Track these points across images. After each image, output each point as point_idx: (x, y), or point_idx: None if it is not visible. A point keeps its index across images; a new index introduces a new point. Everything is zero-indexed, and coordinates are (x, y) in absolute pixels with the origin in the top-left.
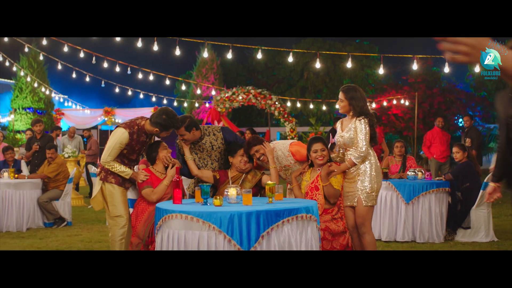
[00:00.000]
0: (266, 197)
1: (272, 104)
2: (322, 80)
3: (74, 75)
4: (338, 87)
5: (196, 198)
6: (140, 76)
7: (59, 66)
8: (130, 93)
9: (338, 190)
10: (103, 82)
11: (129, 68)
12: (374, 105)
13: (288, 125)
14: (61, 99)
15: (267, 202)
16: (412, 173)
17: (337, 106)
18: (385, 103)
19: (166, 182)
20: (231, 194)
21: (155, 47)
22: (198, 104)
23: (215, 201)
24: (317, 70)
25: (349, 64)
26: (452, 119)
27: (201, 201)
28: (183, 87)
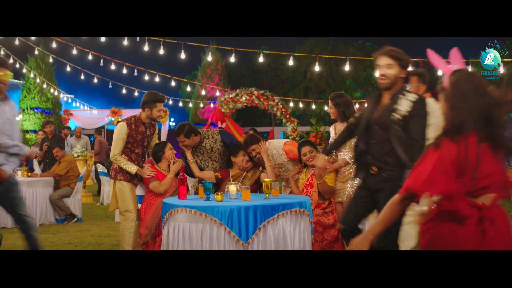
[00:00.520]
0: (264, 193)
1: (274, 105)
2: (325, 80)
3: (82, 77)
4: (341, 88)
5: (200, 194)
6: (146, 77)
7: (68, 68)
8: (136, 93)
9: (332, 186)
10: (110, 83)
11: (135, 70)
12: None
13: (290, 125)
14: (69, 99)
15: (264, 198)
16: None
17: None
18: None
19: (171, 175)
20: (231, 190)
21: (161, 51)
22: (203, 104)
23: (217, 196)
24: (317, 73)
25: (347, 67)
26: None
27: (204, 197)
28: (188, 88)
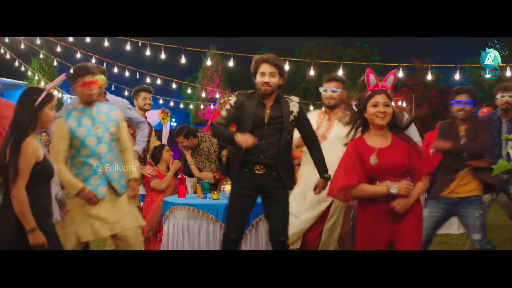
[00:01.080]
0: None
1: None
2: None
3: None
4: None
5: (198, 193)
6: (148, 80)
7: (71, 71)
8: None
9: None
10: (113, 86)
11: (138, 73)
12: None
13: None
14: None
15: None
16: None
17: None
18: None
19: (170, 174)
20: (227, 189)
21: (163, 56)
22: (203, 105)
23: (213, 195)
24: (316, 75)
25: (340, 72)
26: None
27: (201, 196)
28: (189, 89)
